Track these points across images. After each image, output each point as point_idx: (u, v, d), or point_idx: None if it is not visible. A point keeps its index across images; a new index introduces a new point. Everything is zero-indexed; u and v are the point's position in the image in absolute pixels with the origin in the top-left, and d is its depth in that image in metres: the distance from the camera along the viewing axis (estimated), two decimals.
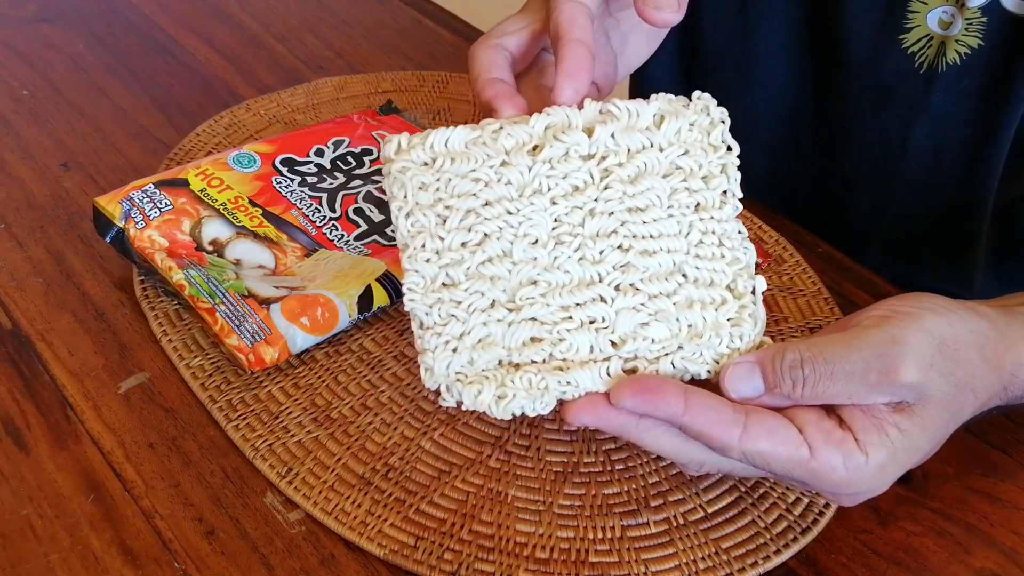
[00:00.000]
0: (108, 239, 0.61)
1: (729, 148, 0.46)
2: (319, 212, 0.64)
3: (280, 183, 0.65)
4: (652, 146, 0.45)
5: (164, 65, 0.83)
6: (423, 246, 0.44)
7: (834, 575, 0.49)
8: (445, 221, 0.44)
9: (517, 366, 0.44)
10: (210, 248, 0.60)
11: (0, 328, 0.59)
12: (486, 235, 0.44)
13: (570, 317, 0.44)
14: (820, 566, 0.49)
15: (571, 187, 0.44)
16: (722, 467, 0.45)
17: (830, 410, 0.44)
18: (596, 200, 0.44)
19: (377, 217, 0.64)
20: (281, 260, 0.61)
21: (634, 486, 0.51)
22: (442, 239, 0.44)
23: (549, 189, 0.44)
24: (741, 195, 0.46)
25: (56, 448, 0.53)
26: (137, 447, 0.53)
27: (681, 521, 0.50)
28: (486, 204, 0.44)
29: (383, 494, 0.51)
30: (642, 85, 0.83)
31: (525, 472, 0.52)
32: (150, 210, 0.61)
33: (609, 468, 0.52)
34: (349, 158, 0.68)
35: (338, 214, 0.64)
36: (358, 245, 0.62)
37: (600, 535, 0.49)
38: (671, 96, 0.46)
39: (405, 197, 0.44)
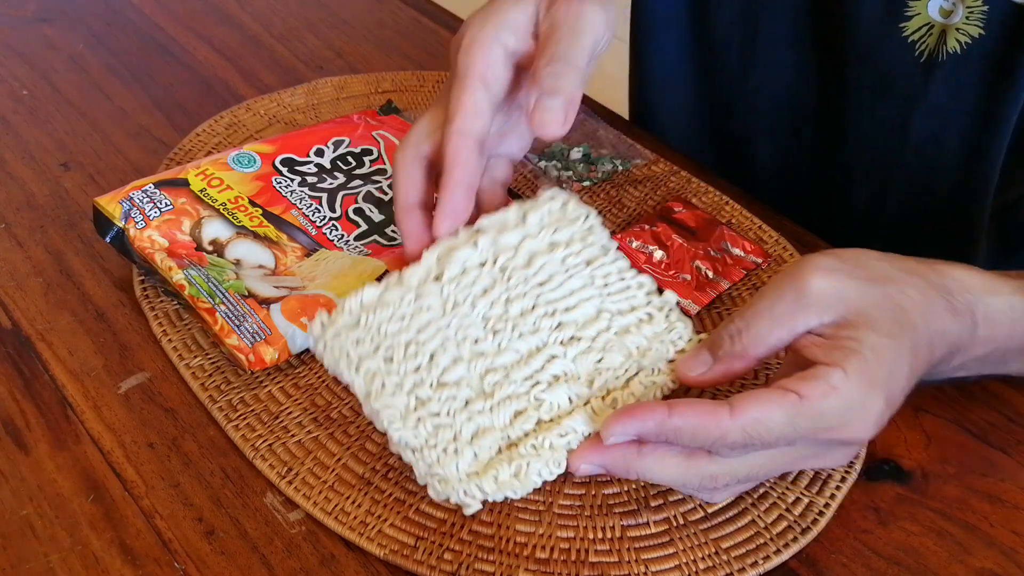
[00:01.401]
0: (108, 239, 0.61)
1: (586, 217, 0.52)
2: (319, 212, 0.64)
3: (280, 183, 0.65)
4: (528, 236, 0.50)
5: (164, 65, 0.83)
6: (383, 385, 0.47)
7: (834, 575, 0.49)
8: (392, 359, 0.48)
9: (515, 444, 0.47)
10: (210, 248, 0.60)
11: (0, 328, 0.59)
12: (432, 354, 0.48)
13: (537, 382, 0.49)
14: (820, 566, 0.49)
15: (482, 290, 0.49)
16: (736, 472, 0.46)
17: (796, 365, 0.45)
18: (507, 290, 0.50)
19: (377, 217, 0.64)
20: (281, 260, 0.61)
21: (634, 486, 0.51)
22: (397, 374, 0.47)
23: (466, 299, 0.49)
24: (616, 244, 0.52)
25: (56, 448, 0.53)
26: (137, 447, 0.53)
27: (681, 521, 0.50)
28: (419, 331, 0.48)
29: (383, 494, 0.51)
30: (653, 63, 0.83)
31: None
32: (150, 210, 0.61)
33: None
34: (349, 158, 0.68)
35: (338, 214, 0.64)
36: (358, 245, 0.62)
37: (600, 535, 0.49)
38: (521, 200, 0.52)
39: (348, 356, 0.47)
